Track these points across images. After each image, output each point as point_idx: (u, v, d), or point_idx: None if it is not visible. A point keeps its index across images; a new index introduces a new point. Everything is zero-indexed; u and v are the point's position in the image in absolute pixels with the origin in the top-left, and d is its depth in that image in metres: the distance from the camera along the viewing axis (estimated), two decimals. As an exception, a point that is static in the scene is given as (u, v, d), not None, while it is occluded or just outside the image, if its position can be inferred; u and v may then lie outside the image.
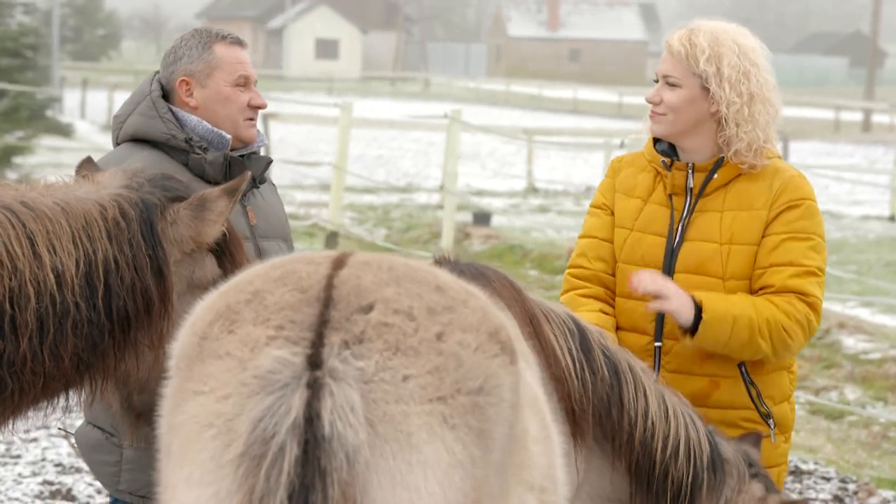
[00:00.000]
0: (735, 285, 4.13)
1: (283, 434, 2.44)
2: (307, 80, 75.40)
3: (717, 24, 4.24)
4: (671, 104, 4.16)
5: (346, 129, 16.63)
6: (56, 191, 3.58)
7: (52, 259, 3.42)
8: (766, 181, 4.18)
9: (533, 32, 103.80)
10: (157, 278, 3.56)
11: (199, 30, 4.31)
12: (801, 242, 4.11)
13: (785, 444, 4.27)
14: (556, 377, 3.55)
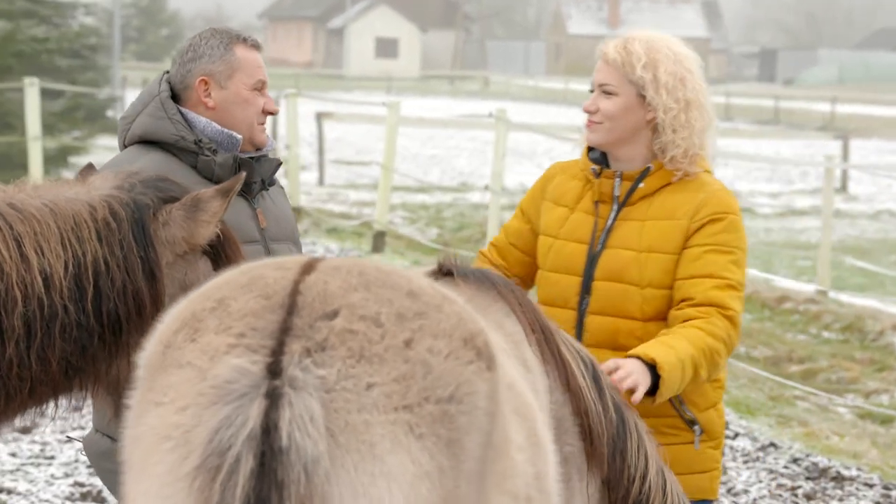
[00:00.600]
0: (652, 293, 4.11)
1: (238, 445, 2.36)
2: (367, 80, 75.57)
3: (651, 32, 4.24)
4: (608, 112, 4.16)
5: (394, 129, 16.57)
6: (45, 192, 3.51)
7: (40, 261, 3.37)
8: (691, 193, 4.16)
9: (593, 30, 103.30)
10: (148, 280, 3.50)
11: (217, 30, 4.23)
12: (722, 255, 4.09)
13: (714, 451, 4.25)
14: (572, 391, 3.44)
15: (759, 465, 8.20)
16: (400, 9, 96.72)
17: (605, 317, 4.16)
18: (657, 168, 4.19)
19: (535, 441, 2.95)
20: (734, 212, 4.15)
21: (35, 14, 28.94)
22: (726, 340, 3.99)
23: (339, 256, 15.54)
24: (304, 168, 25.98)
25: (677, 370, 3.81)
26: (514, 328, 3.37)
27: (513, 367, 3.14)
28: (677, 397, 4.11)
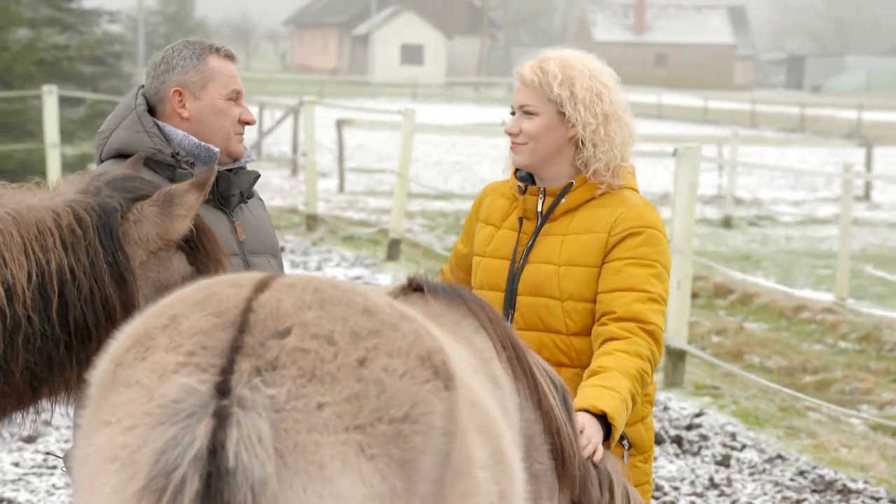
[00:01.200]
0: (573, 306, 4.16)
1: (184, 466, 2.33)
2: (391, 86, 75.65)
3: (565, 51, 4.30)
4: (530, 133, 4.21)
5: (409, 136, 16.54)
6: (8, 200, 3.47)
7: (2, 272, 3.33)
8: (611, 208, 4.21)
9: (619, 37, 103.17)
10: (118, 285, 3.46)
11: (190, 41, 4.21)
12: (643, 269, 4.13)
13: (644, 465, 4.29)
14: (543, 410, 3.41)
15: (764, 477, 8.12)
16: (425, 15, 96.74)
17: (529, 331, 4.19)
18: (579, 184, 4.24)
19: (499, 459, 2.91)
20: (653, 226, 4.18)
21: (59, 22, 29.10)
22: (650, 357, 4.04)
23: (354, 263, 15.53)
24: (325, 175, 26.02)
25: (623, 412, 3.86)
26: (483, 344, 3.34)
27: (480, 383, 3.10)
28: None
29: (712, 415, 9.46)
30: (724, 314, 14.04)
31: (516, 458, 3.06)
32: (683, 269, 10.21)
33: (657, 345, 4.06)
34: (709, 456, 8.48)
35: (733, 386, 10.49)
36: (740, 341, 12.41)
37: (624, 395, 3.87)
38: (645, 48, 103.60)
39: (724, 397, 10.04)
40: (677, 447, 8.63)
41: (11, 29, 22.76)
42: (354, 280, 14.28)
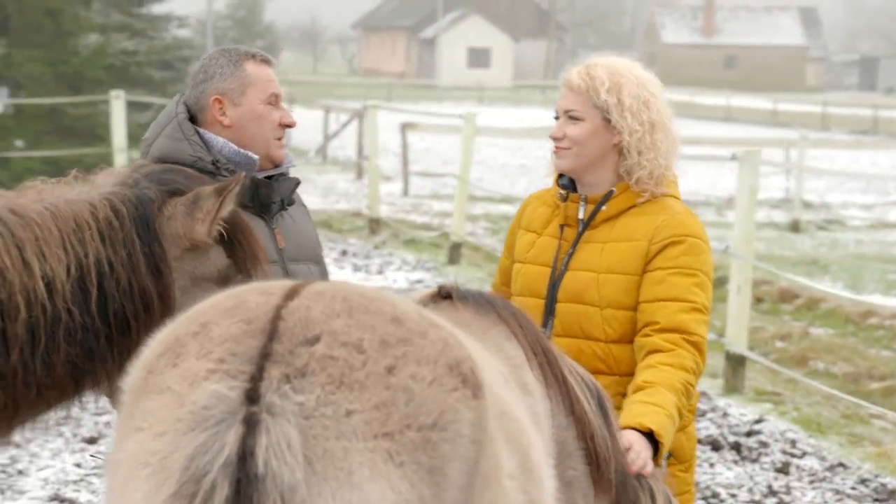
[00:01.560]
0: (612, 314, 4.15)
1: (214, 472, 2.35)
2: (458, 89, 75.71)
3: (613, 58, 4.29)
4: (574, 138, 4.20)
5: (470, 140, 16.53)
6: (47, 195, 3.52)
7: (42, 266, 3.37)
8: (652, 216, 4.20)
9: (687, 39, 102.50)
10: (154, 277, 3.50)
11: (226, 49, 4.23)
12: (686, 278, 4.10)
13: (685, 474, 4.27)
14: (576, 415, 3.41)
15: (825, 485, 8.02)
16: (492, 18, 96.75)
17: (568, 339, 4.19)
18: (620, 191, 4.23)
19: (528, 468, 2.90)
20: (695, 235, 4.15)
21: (129, 27, 29.45)
22: (695, 369, 4.02)
23: (415, 267, 15.55)
24: (390, 179, 26.10)
25: (670, 428, 3.85)
26: (514, 351, 3.34)
27: (510, 391, 3.10)
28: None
29: (772, 421, 9.35)
30: (790, 319, 13.89)
31: (546, 466, 3.05)
32: (743, 274, 10.11)
33: (701, 355, 4.05)
34: (768, 463, 8.39)
35: (795, 392, 10.37)
36: (805, 347, 12.27)
37: (670, 410, 3.86)
38: (714, 50, 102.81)
39: (786, 403, 9.93)
40: (736, 454, 8.55)
41: (82, 35, 23.06)
42: (415, 284, 14.31)
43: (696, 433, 8.74)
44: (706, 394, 10.05)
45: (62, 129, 21.89)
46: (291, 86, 65.75)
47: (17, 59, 21.12)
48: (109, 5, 28.35)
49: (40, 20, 21.46)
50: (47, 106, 21.44)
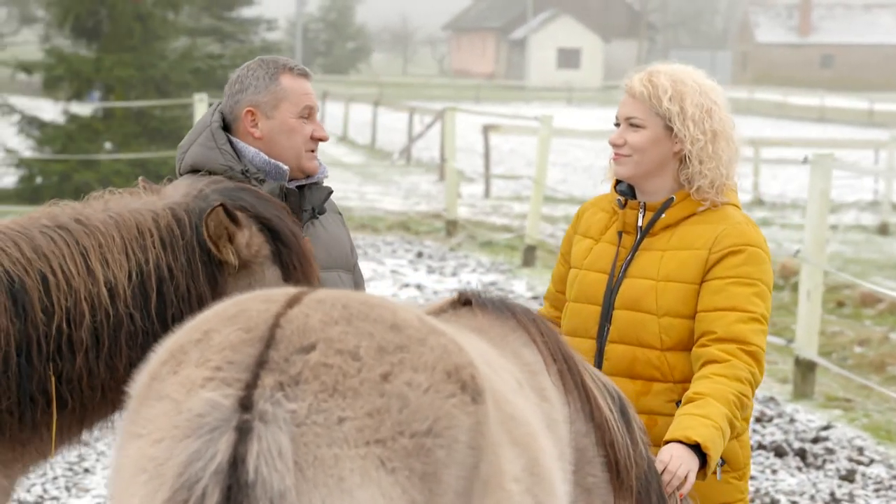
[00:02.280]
0: (669, 322, 4.13)
1: (206, 479, 2.41)
2: (547, 90, 75.58)
3: (675, 66, 4.27)
4: (635, 145, 4.18)
5: (546, 142, 16.55)
6: (113, 204, 3.67)
7: (105, 273, 3.53)
8: (712, 225, 4.18)
9: (782, 38, 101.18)
10: (211, 285, 3.63)
11: (264, 59, 4.28)
12: (745, 288, 4.08)
13: (738, 482, 4.23)
14: (597, 423, 3.43)
15: (891, 493, 7.89)
16: (583, 19, 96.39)
17: (624, 345, 4.19)
18: (680, 199, 4.21)
19: (536, 472, 2.93)
20: (755, 244, 4.14)
21: (219, 31, 29.85)
22: (751, 380, 4.00)
23: (489, 269, 15.57)
24: (472, 180, 26.13)
25: (718, 440, 3.83)
26: (532, 357, 3.36)
27: (523, 396, 3.12)
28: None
29: (841, 428, 9.23)
30: (871, 324, 13.68)
31: (557, 471, 3.07)
32: (813, 279, 9.99)
33: (758, 366, 4.02)
34: (833, 470, 8.27)
35: (868, 399, 10.22)
36: (884, 352, 12.07)
37: (719, 422, 3.84)
38: (810, 49, 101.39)
39: (856, 410, 9.79)
40: (800, 460, 8.44)
41: (170, 39, 23.43)
42: (489, 286, 14.33)
43: (762, 439, 8.71)
44: (774, 399, 9.95)
45: (150, 132, 22.22)
46: (381, 87, 66.12)
47: (107, 63, 21.48)
48: (200, 9, 28.79)
49: (130, 25, 21.81)
50: (135, 109, 21.81)
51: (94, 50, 22.13)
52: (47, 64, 21.76)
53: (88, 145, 21.60)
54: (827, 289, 14.79)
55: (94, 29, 22.03)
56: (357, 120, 42.78)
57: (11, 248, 3.48)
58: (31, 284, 3.45)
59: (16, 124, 22.04)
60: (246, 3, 30.75)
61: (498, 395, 2.90)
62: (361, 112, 44.26)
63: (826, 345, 12.09)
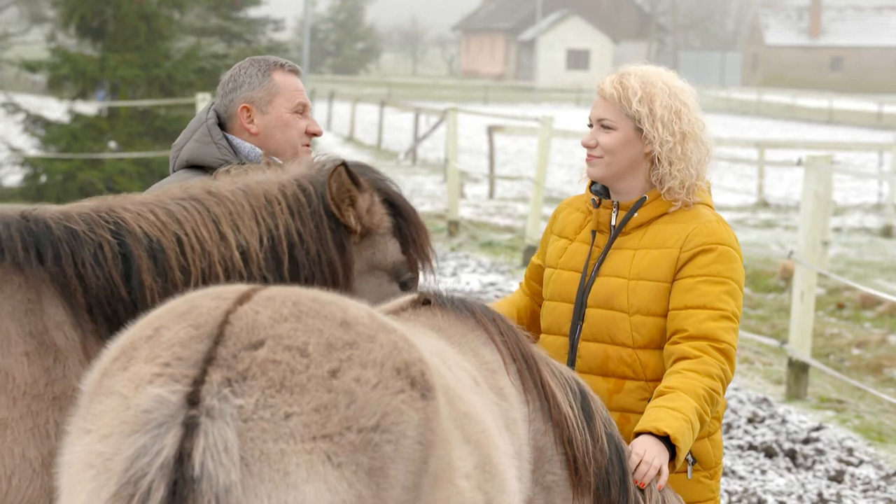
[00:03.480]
0: (641, 320, 4.17)
1: (152, 474, 2.43)
2: (556, 91, 75.54)
3: (646, 67, 4.31)
4: (607, 146, 4.23)
5: (546, 144, 16.55)
6: (239, 178, 3.79)
7: (237, 237, 3.62)
8: (683, 224, 4.22)
9: (792, 40, 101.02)
10: (339, 251, 3.72)
11: (256, 59, 4.39)
12: (716, 286, 4.12)
13: (710, 481, 4.26)
14: (555, 421, 3.46)
15: (878, 494, 7.90)
16: (592, 20, 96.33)
17: (596, 343, 4.23)
18: (652, 198, 4.25)
19: (488, 469, 2.96)
20: (726, 243, 4.17)
21: (227, 31, 29.91)
22: (722, 377, 4.04)
23: (490, 269, 15.58)
24: (477, 181, 26.14)
25: (688, 432, 3.87)
26: (491, 357, 3.39)
27: (479, 394, 3.15)
28: None
29: (832, 429, 9.24)
30: (871, 326, 13.68)
31: (510, 468, 3.09)
32: (807, 281, 10.00)
33: (729, 363, 4.07)
34: (822, 471, 8.29)
35: (862, 400, 10.22)
36: (881, 354, 12.07)
37: (688, 415, 3.88)
38: (820, 51, 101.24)
39: (848, 411, 9.79)
40: (790, 461, 8.45)
41: (175, 39, 23.48)
42: (488, 286, 14.34)
43: (753, 439, 8.71)
44: (767, 400, 9.96)
45: (154, 131, 22.26)
46: (390, 88, 66.17)
47: (111, 62, 21.53)
48: (208, 9, 28.85)
49: (135, 24, 21.86)
50: (140, 108, 21.86)
51: (99, 49, 22.18)
52: (52, 63, 21.80)
53: (93, 144, 21.65)
54: (827, 291, 14.80)
55: (99, 28, 22.08)
56: (364, 120, 42.85)
57: (147, 214, 3.59)
58: (167, 245, 3.55)
59: (21, 123, 22.11)
60: (253, 2, 30.80)
61: (451, 392, 2.93)
62: (368, 112, 44.32)
63: (824, 347, 12.10)
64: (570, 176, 29.49)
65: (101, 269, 3.45)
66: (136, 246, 3.51)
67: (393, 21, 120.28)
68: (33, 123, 22.05)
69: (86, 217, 3.53)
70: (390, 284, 3.88)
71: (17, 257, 3.39)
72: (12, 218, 3.49)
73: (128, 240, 3.51)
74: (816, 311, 13.75)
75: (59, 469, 2.68)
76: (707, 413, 3.96)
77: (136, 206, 3.60)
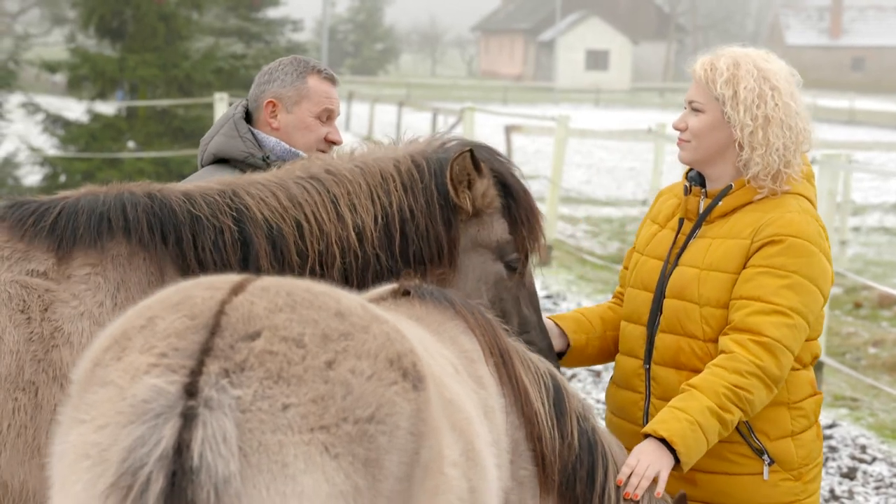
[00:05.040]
0: (710, 312, 4.05)
1: (150, 465, 2.43)
2: (575, 92, 75.43)
3: (742, 49, 4.16)
4: (694, 130, 4.11)
5: (562, 143, 16.56)
6: (359, 154, 3.92)
7: (353, 217, 3.75)
8: (762, 213, 4.06)
9: (813, 41, 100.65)
10: (446, 227, 3.83)
11: (298, 58, 4.49)
12: (776, 279, 3.96)
13: (792, 483, 4.10)
14: (526, 417, 3.48)
15: (891, 491, 7.89)
16: (612, 21, 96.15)
17: (671, 335, 4.13)
18: (738, 187, 4.11)
19: (471, 456, 2.98)
20: (800, 235, 3.99)
21: (246, 32, 29.95)
22: (755, 372, 3.88)
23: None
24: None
25: (691, 434, 3.77)
26: (470, 345, 3.42)
27: (461, 382, 3.18)
28: (746, 425, 4.05)
29: (845, 426, 9.23)
30: (888, 325, 13.64)
31: (490, 456, 3.11)
32: (821, 279, 9.97)
33: (771, 357, 3.88)
34: (834, 468, 8.28)
35: (877, 398, 10.20)
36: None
37: (695, 416, 3.78)
38: (841, 52, 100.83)
39: (862, 409, 9.78)
40: (803, 459, 8.44)
41: (193, 39, 23.55)
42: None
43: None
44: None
45: (173, 131, 22.33)
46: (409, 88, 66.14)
47: (130, 62, 21.61)
48: (227, 10, 28.92)
49: (154, 25, 21.94)
50: (159, 108, 21.94)
51: (118, 49, 22.27)
52: (71, 63, 21.90)
53: (112, 144, 21.74)
54: (845, 290, 14.77)
55: (118, 29, 22.17)
56: (382, 120, 42.84)
57: (270, 198, 3.73)
58: (287, 231, 3.69)
59: (40, 123, 22.22)
60: (272, 3, 30.86)
61: (437, 380, 2.95)
62: (387, 112, 44.34)
63: (840, 345, 12.07)
64: (589, 176, 29.48)
65: (219, 254, 3.64)
66: (257, 232, 3.68)
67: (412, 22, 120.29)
68: (53, 123, 22.16)
69: (210, 201, 3.70)
70: (494, 263, 3.95)
71: (142, 237, 3.60)
72: (139, 198, 3.68)
73: (249, 226, 3.68)
74: (833, 309, 13.73)
75: (50, 459, 2.67)
76: (730, 412, 3.83)
77: (260, 189, 3.75)
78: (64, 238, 3.59)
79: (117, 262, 3.58)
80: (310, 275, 3.68)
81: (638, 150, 37.28)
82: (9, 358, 3.42)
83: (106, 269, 3.57)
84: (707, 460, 4.00)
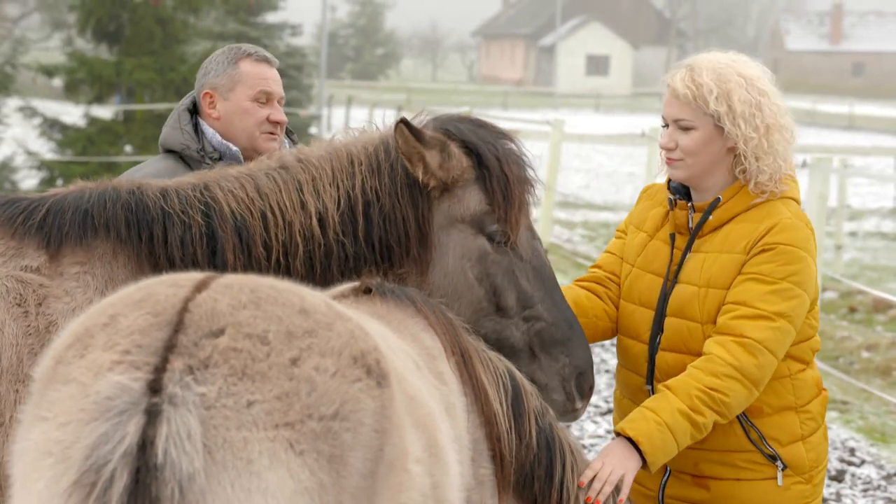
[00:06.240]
0: (713, 329, 3.97)
1: (114, 462, 2.43)
2: (575, 97, 75.46)
3: (714, 57, 4.05)
4: (687, 149, 4.00)
5: (557, 147, 16.60)
6: (335, 141, 3.91)
7: (316, 204, 3.73)
8: (755, 224, 4.00)
9: (813, 46, 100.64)
10: (414, 206, 3.78)
11: (230, 47, 4.56)
12: (761, 285, 3.92)
13: (803, 486, 4.08)
14: (486, 417, 3.48)
15: (878, 493, 7.90)
16: (612, 26, 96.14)
17: (674, 353, 4.07)
18: (727, 198, 4.05)
19: (434, 452, 2.99)
20: (789, 242, 3.94)
21: (244, 36, 29.97)
22: (731, 374, 3.84)
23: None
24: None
25: (658, 435, 3.75)
26: (431, 343, 3.42)
27: (422, 378, 3.19)
28: (756, 432, 4.03)
29: (835, 429, 9.24)
30: (882, 329, 13.65)
31: (452, 452, 3.12)
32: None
33: (750, 357, 3.83)
34: (823, 472, 8.27)
35: (867, 402, 10.21)
36: (890, 357, 12.05)
37: (664, 417, 3.76)
38: (841, 57, 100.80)
39: (852, 412, 9.78)
40: (792, 463, 8.44)
41: (190, 43, 23.56)
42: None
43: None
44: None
45: (170, 135, 22.39)
46: (410, 93, 66.16)
47: (127, 66, 21.63)
48: (226, 14, 28.96)
49: (151, 28, 21.95)
50: (156, 112, 21.94)
51: (115, 53, 22.28)
52: (69, 67, 21.90)
53: (109, 148, 21.74)
54: (840, 295, 14.78)
55: (115, 32, 22.18)
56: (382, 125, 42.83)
57: (238, 190, 3.74)
58: (252, 223, 3.69)
59: (38, 127, 22.22)
60: (271, 8, 30.89)
61: (400, 377, 2.96)
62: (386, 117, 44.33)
63: (834, 349, 12.08)
64: (588, 181, 29.49)
65: (186, 250, 3.65)
66: (224, 226, 3.69)
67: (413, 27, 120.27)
68: (50, 127, 22.15)
69: (183, 196, 3.73)
70: (476, 238, 3.86)
71: (120, 234, 3.66)
72: (121, 195, 3.74)
73: (216, 220, 3.69)
74: (828, 314, 13.74)
75: (11, 457, 2.66)
76: (702, 413, 3.79)
77: (230, 182, 3.77)
78: (52, 236, 3.65)
79: (104, 260, 3.63)
80: (275, 265, 3.70)
81: (637, 155, 37.27)
82: (9, 351, 3.46)
83: (94, 267, 3.61)
84: (720, 468, 4.02)
